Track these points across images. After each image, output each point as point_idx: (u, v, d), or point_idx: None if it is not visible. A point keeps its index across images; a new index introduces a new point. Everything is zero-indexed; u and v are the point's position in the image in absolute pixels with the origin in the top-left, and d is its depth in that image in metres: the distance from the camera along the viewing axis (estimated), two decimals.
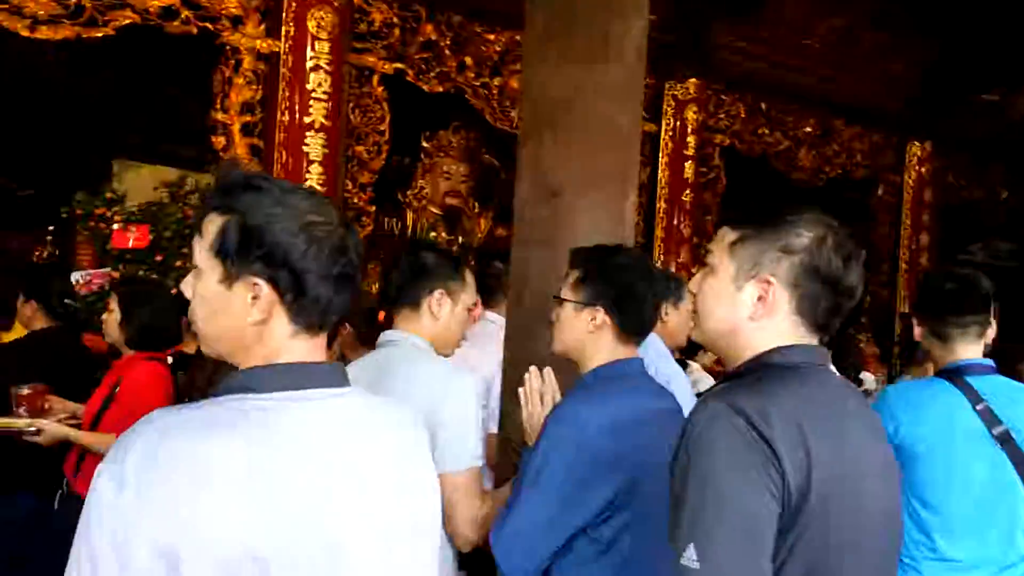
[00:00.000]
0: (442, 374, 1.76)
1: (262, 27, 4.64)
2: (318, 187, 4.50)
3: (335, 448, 0.96)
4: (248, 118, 4.66)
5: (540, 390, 1.75)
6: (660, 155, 6.14)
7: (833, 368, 1.29)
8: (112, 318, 2.71)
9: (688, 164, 6.16)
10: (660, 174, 6.16)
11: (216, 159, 4.69)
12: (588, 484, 1.53)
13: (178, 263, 4.51)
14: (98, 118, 6.25)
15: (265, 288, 0.97)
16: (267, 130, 4.63)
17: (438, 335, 1.86)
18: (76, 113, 6.33)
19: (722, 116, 6.59)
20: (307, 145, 4.55)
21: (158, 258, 4.51)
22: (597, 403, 1.62)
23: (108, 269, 4.51)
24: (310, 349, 1.00)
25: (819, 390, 1.15)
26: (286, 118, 4.56)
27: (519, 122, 2.45)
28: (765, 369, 1.16)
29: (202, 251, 1.00)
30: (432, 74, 5.21)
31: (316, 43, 4.60)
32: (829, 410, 1.13)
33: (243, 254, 0.97)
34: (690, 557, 1.04)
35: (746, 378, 1.16)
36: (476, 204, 5.98)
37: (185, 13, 4.44)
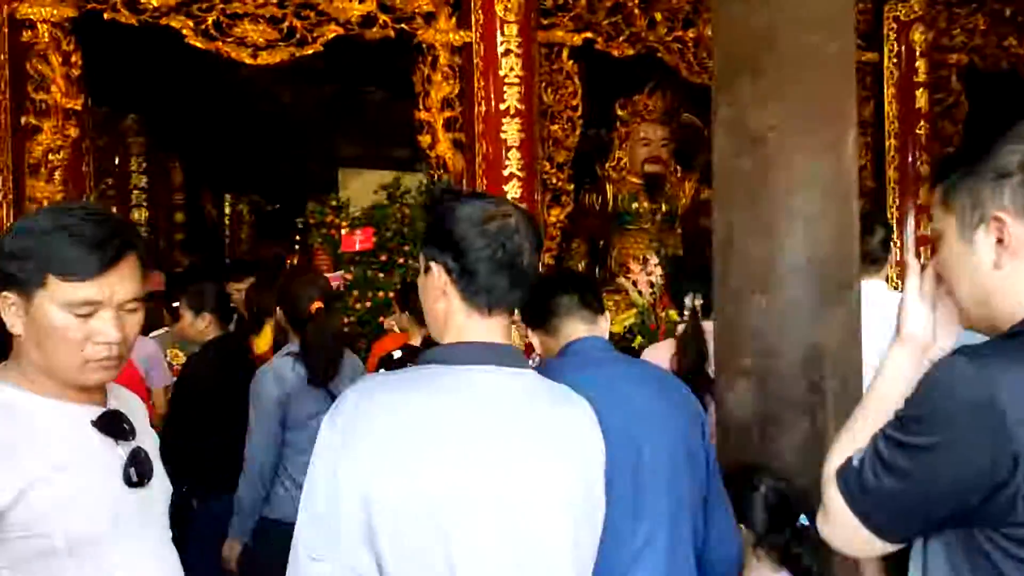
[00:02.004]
0: None
1: (453, 20, 4.74)
2: (517, 172, 4.56)
3: (496, 413, 1.10)
4: (449, 113, 4.80)
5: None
6: (885, 86, 5.51)
7: None
8: None
9: (920, 92, 5.47)
10: (887, 108, 5.53)
11: (425, 158, 4.89)
12: None
13: (400, 260, 4.77)
14: (320, 132, 6.79)
15: (435, 270, 1.17)
16: (467, 123, 4.75)
17: None
18: (301, 130, 6.93)
19: (956, 31, 5.77)
20: (504, 132, 4.60)
21: (383, 258, 4.79)
22: None
23: (341, 272, 4.88)
24: (486, 329, 1.16)
25: None
26: (483, 108, 4.64)
27: (713, 70, 2.27)
28: None
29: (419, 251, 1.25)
30: (622, 38, 5.06)
31: (505, 27, 4.63)
32: None
33: (427, 244, 1.20)
34: None
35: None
36: (679, 168, 5.74)
37: (383, 17, 4.65)
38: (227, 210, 13.32)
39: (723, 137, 2.16)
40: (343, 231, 4.83)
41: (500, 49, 4.63)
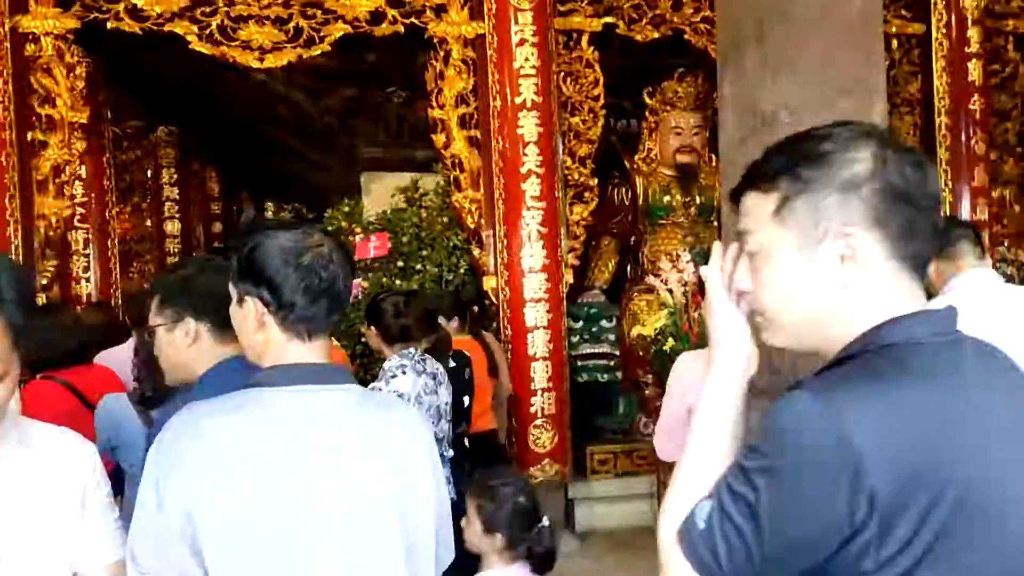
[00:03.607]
0: None
1: (465, 11, 4.54)
2: (535, 168, 4.34)
3: (319, 429, 1.16)
4: (463, 109, 4.59)
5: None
6: (934, 59, 5.11)
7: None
8: None
9: (972, 64, 5.06)
10: (936, 83, 5.13)
11: (441, 158, 4.69)
12: None
13: (418, 266, 4.58)
14: (341, 136, 6.67)
15: (250, 303, 1.20)
16: (483, 119, 4.54)
17: None
18: (324, 135, 6.81)
19: None
20: (521, 126, 4.37)
21: (400, 264, 4.61)
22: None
23: (358, 280, 4.71)
24: (307, 352, 1.20)
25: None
26: (498, 102, 4.42)
27: (717, 43, 2.01)
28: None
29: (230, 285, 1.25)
30: (645, 21, 4.78)
31: (519, 15, 4.41)
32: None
33: (240, 278, 1.21)
34: None
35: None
36: (713, 157, 5.43)
37: (391, 13, 4.46)
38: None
39: (729, 118, 1.90)
40: (358, 237, 4.67)
41: (515, 39, 4.40)
